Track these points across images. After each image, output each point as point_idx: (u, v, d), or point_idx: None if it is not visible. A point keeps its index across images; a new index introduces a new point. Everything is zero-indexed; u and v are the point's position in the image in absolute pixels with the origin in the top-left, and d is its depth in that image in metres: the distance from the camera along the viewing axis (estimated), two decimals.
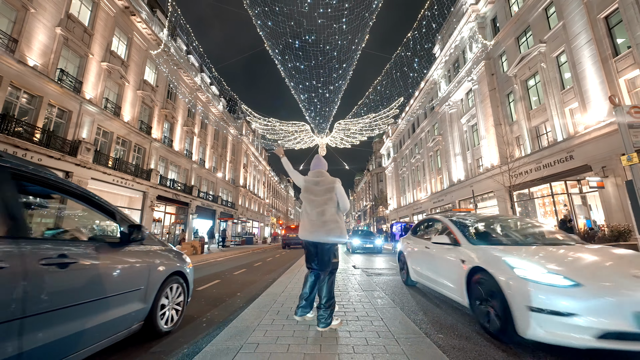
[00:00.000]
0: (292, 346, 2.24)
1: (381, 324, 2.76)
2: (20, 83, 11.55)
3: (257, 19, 12.64)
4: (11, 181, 1.63)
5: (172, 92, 23.43)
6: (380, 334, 2.49)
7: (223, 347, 2.20)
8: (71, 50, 14.06)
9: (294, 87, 16.02)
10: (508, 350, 2.40)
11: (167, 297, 2.91)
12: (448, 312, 3.62)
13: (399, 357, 2.01)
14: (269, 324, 2.78)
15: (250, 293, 5.02)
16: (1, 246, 1.48)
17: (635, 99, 11.29)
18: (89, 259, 2.02)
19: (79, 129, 14.13)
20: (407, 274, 5.13)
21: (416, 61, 17.37)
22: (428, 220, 5.30)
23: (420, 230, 5.41)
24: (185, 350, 2.48)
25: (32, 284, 1.57)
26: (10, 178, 1.63)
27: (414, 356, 2.01)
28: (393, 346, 2.20)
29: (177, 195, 22.77)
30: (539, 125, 16.08)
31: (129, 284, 2.38)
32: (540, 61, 15.50)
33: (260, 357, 2.05)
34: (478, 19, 20.92)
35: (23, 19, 11.73)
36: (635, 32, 10.91)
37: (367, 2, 12.57)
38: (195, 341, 2.72)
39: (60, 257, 1.76)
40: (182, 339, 2.79)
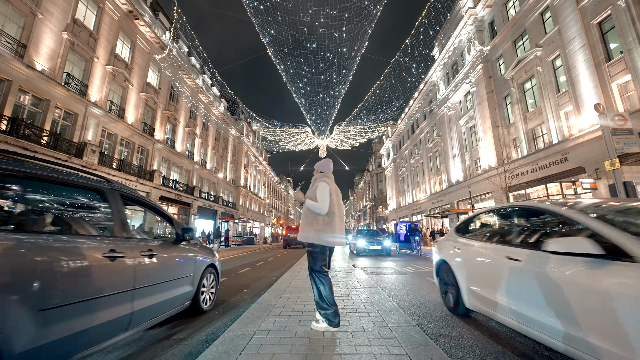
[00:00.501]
0: (299, 332, 2.56)
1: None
2: (29, 87, 11.86)
3: (260, 27, 12.97)
4: (120, 199, 2.47)
5: (174, 94, 23.75)
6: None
7: (239, 333, 2.51)
8: (77, 54, 14.37)
9: (295, 91, 16.34)
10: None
11: (204, 284, 3.70)
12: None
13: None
14: (277, 315, 3.09)
15: (257, 289, 5.33)
16: (120, 243, 2.26)
17: (627, 103, 11.61)
18: (164, 252, 2.83)
19: (84, 131, 14.44)
20: (458, 296, 3.35)
21: (414, 66, 17.68)
22: (510, 209, 3.35)
23: (480, 228, 3.68)
24: (223, 322, 3.35)
25: (137, 268, 2.36)
26: (120, 197, 2.48)
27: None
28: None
29: (180, 196, 23.08)
30: (535, 127, 16.40)
31: (185, 271, 3.22)
32: (536, 65, 15.82)
33: (273, 340, 2.36)
34: (476, 22, 21.25)
35: (31, 24, 12.04)
36: (627, 38, 11.23)
37: (365, 12, 12.90)
38: (225, 320, 3.43)
39: (149, 250, 2.55)
40: (217, 317, 3.58)
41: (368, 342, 2.35)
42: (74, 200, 2.45)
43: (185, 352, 2.49)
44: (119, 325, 2.15)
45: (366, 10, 12.36)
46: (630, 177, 11.42)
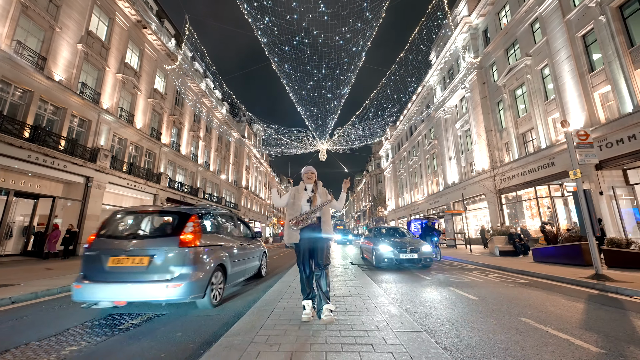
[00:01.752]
0: (306, 307, 3.36)
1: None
2: (48, 97, 12.65)
3: (267, 45, 13.77)
4: (237, 219, 5.94)
5: (179, 98, 24.53)
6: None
7: (263, 306, 3.32)
8: (90, 64, 15.15)
9: (297, 100, 17.14)
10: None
11: (263, 261, 6.93)
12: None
13: None
14: (289, 298, 3.89)
15: (283, 268, 6.14)
16: (241, 239, 5.57)
17: (607, 111, 12.42)
18: (250, 243, 5.97)
19: (97, 137, 15.22)
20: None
21: (413, 72, 18.46)
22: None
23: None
24: (273, 280, 6.28)
25: (246, 250, 5.60)
26: (237, 219, 5.94)
27: None
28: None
29: (185, 197, 23.86)
30: (526, 132, 17.21)
31: (256, 253, 6.33)
32: (526, 73, 16.63)
33: (289, 315, 3.17)
34: (471, 30, 22.05)
35: (50, 38, 12.83)
36: (607, 51, 12.02)
37: (362, 33, 13.71)
38: (274, 279, 6.35)
39: (246, 242, 5.76)
40: (270, 277, 6.96)
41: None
42: (226, 219, 5.42)
43: (260, 289, 5.45)
44: (242, 273, 5.35)
45: (367, 25, 13.13)
46: (611, 180, 12.25)
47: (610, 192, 12.07)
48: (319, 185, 3.45)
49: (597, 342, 2.74)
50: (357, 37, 14.34)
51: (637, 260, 7.39)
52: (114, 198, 16.85)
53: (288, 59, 14.70)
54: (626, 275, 6.04)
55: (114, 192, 16.67)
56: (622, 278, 5.67)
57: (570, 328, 3.14)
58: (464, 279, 6.46)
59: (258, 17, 12.79)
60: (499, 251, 12.27)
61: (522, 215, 17.73)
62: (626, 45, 11.43)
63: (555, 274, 6.56)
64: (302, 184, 3.47)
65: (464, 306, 4.14)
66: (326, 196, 3.34)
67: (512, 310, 3.88)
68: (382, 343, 2.40)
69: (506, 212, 18.86)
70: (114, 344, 2.77)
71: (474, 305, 4.16)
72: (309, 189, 3.39)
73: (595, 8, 12.42)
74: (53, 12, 13.00)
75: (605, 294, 4.95)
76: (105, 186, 15.25)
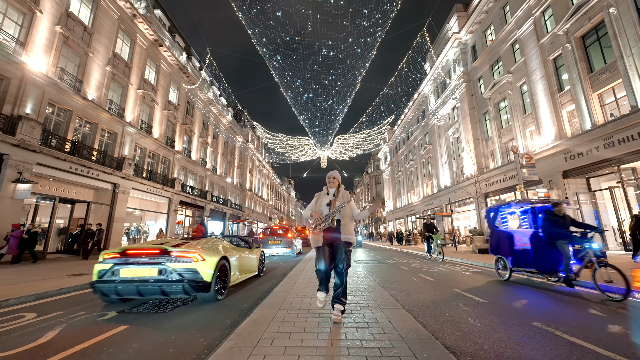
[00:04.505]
0: (320, 297, 5.13)
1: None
2: (83, 114, 14.47)
3: (274, 68, 15.64)
4: (241, 240, 7.87)
5: (189, 108, 26.34)
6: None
7: (281, 290, 5.08)
8: (116, 83, 16.95)
9: (300, 112, 18.94)
10: None
11: (261, 263, 7.59)
12: None
13: None
14: (300, 286, 5.66)
15: (285, 269, 7.91)
16: (249, 249, 7.06)
17: (573, 127, 14.16)
18: (251, 252, 7.01)
19: (122, 147, 17.03)
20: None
21: (407, 85, 20.24)
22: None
23: None
24: (274, 280, 6.78)
25: (249, 256, 6.80)
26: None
27: None
28: None
29: (195, 200, 25.68)
30: (508, 142, 18.95)
31: (254, 258, 7.13)
32: (507, 88, 18.38)
33: (301, 299, 4.93)
34: (460, 45, 23.80)
35: (84, 62, 14.64)
36: (572, 74, 13.75)
37: (359, 57, 15.54)
38: (274, 280, 6.63)
39: (250, 251, 7.05)
40: (269, 278, 7.28)
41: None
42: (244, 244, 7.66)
43: (262, 290, 5.66)
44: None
45: (367, 44, 14.95)
46: (575, 187, 14.00)
47: (575, 198, 13.81)
48: (341, 189, 3.48)
49: (485, 297, 4.58)
50: (358, 63, 16.15)
51: None
52: (135, 202, 18.66)
53: (292, 79, 16.51)
54: None
55: (136, 197, 18.48)
56: None
57: (478, 293, 4.95)
58: (433, 269, 8.25)
59: (271, 50, 14.60)
60: (478, 249, 14.03)
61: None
62: (587, 71, 13.19)
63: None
64: (325, 189, 3.53)
65: (422, 283, 5.93)
66: (346, 198, 3.36)
67: (451, 285, 5.71)
68: (362, 295, 4.19)
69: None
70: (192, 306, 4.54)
71: (429, 283, 5.94)
72: (331, 193, 3.44)
73: (562, 36, 14.16)
74: (87, 40, 14.80)
75: (535, 278, 6.72)
76: (129, 191, 17.06)
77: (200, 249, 4.55)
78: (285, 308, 3.63)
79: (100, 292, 4.09)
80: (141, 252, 4.19)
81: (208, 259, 4.42)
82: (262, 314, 3.34)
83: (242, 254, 6.15)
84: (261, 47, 14.43)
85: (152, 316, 3.80)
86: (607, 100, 12.58)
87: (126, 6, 17.27)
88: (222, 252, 5.02)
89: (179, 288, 4.00)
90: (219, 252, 4.97)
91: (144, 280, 3.98)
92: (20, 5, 11.68)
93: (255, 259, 7.02)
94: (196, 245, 4.69)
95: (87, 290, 5.60)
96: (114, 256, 4.23)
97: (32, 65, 11.85)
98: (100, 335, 2.99)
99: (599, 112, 12.68)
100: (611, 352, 2.48)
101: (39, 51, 12.27)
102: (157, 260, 4.09)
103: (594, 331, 3.02)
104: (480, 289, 5.40)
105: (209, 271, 4.32)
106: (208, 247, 4.86)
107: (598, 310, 3.87)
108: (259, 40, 14.49)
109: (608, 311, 3.83)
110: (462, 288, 5.48)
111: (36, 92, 12.06)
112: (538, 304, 4.21)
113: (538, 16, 15.84)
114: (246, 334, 2.68)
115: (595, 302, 4.29)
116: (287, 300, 4.10)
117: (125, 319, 3.63)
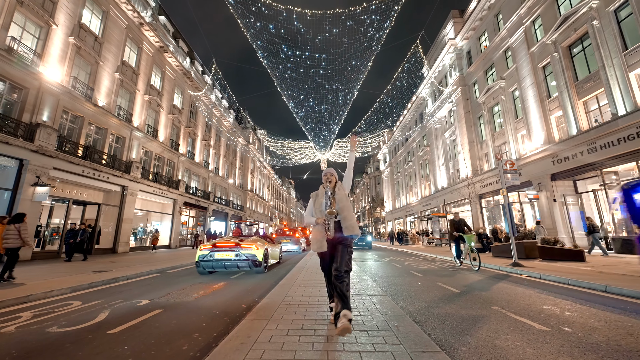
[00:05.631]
0: (332, 310, 5.85)
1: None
2: (94, 120, 15.18)
3: (276, 79, 16.40)
4: (268, 238, 9.44)
5: (193, 111, 27.06)
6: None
7: (286, 282, 5.81)
8: (124, 89, 17.67)
9: (302, 119, 19.70)
10: None
11: (282, 254, 11.00)
12: None
13: None
14: (301, 280, 6.38)
15: (294, 261, 8.64)
16: (274, 244, 9.91)
17: (561, 132, 14.87)
18: (274, 245, 9.82)
19: (130, 151, 17.74)
20: None
21: (406, 84, 20.97)
22: None
23: None
24: (289, 266, 9.15)
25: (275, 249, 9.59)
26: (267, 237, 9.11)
27: None
28: None
29: (198, 201, 26.39)
30: (500, 145, 19.66)
31: (277, 250, 10.11)
32: (500, 94, 19.09)
33: (303, 290, 5.65)
34: (456, 51, 24.50)
35: (95, 70, 15.35)
36: (559, 82, 14.46)
37: (356, 69, 16.27)
38: (290, 265, 7.69)
39: (275, 245, 9.89)
40: (284, 265, 9.71)
41: None
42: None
43: (285, 270, 8.28)
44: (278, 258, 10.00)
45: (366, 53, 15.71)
46: (563, 190, 14.72)
47: (562, 200, 14.53)
48: (339, 185, 3.17)
49: (461, 288, 5.27)
50: (356, 75, 16.89)
51: (562, 254, 9.86)
52: (142, 203, 19.38)
53: (296, 94, 17.24)
54: (536, 264, 8.51)
55: (143, 199, 19.19)
56: (531, 265, 8.14)
57: (457, 285, 5.65)
58: (423, 266, 8.97)
59: (274, 62, 15.33)
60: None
61: (500, 217, 20.17)
62: (573, 79, 13.91)
63: (490, 263, 9.04)
64: (321, 188, 3.20)
65: (410, 276, 6.65)
66: (342, 192, 3.11)
67: (433, 279, 6.41)
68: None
69: (486, 215, 21.34)
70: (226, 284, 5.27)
71: (418, 277, 6.65)
72: (329, 191, 3.09)
73: (551, 45, 14.87)
74: (97, 49, 15.52)
75: (508, 273, 7.43)
76: (137, 193, 17.78)
77: (255, 243, 7.62)
78: (298, 284, 5.28)
79: (202, 267, 7.26)
80: (224, 245, 7.37)
81: (260, 249, 7.54)
82: (287, 281, 5.75)
83: (272, 247, 9.10)
84: (264, 59, 15.18)
85: (178, 302, 4.52)
86: (591, 107, 13.29)
87: (134, 15, 17.98)
88: (265, 245, 8.06)
89: (246, 264, 7.27)
90: (264, 245, 8.03)
91: (227, 260, 7.18)
92: (37, 19, 12.39)
93: (278, 251, 10.01)
94: (253, 241, 7.78)
95: (114, 284, 6.33)
96: (209, 247, 7.35)
97: (48, 75, 12.56)
98: (144, 316, 3.71)
99: (584, 118, 13.40)
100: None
101: (54, 61, 12.99)
102: (233, 249, 7.24)
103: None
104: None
105: (260, 255, 7.45)
106: (258, 242, 7.84)
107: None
108: (262, 52, 15.26)
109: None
110: (441, 281, 6.19)
111: (52, 101, 12.77)
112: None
113: (528, 25, 16.55)
114: (276, 293, 4.52)
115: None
116: (299, 278, 5.26)
117: (158, 305, 4.34)
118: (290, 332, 2.68)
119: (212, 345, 2.67)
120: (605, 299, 4.39)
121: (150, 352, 2.60)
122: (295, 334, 2.65)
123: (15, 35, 11.63)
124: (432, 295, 4.84)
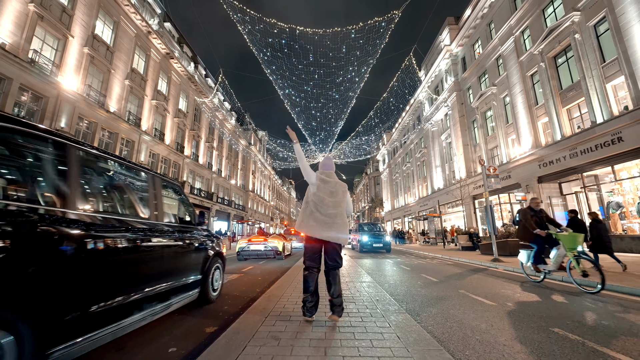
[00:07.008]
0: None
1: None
2: (106, 125, 16.07)
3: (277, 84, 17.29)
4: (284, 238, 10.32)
5: (197, 115, 27.95)
6: None
7: (298, 265, 6.68)
8: (133, 95, 18.56)
9: (303, 125, 20.58)
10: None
11: (291, 248, 13.27)
12: None
13: None
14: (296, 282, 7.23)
15: (296, 255, 9.51)
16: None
17: (548, 137, 15.73)
18: (288, 243, 11.52)
19: (138, 154, 18.63)
20: None
21: (405, 84, 21.84)
22: None
23: None
24: (294, 259, 8.00)
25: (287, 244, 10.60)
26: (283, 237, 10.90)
27: None
28: None
29: (202, 202, 27.27)
30: (493, 148, 20.53)
31: (290, 245, 13.29)
32: (492, 99, 19.95)
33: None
34: (451, 57, 25.37)
35: (107, 78, 16.24)
36: (546, 90, 15.32)
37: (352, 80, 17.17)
38: (295, 258, 8.38)
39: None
40: (294, 256, 10.27)
41: None
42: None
43: (294, 260, 10.89)
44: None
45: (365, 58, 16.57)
46: (549, 191, 15.58)
47: (548, 201, 15.39)
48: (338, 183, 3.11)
49: (440, 279, 6.12)
50: (352, 86, 17.77)
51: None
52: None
53: (296, 104, 18.09)
54: (515, 259, 9.35)
55: None
56: (510, 261, 9.00)
57: (441, 277, 6.50)
58: (413, 262, 9.84)
59: (277, 74, 16.20)
60: (462, 246, 15.62)
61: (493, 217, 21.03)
62: (557, 88, 14.77)
63: (474, 259, 9.90)
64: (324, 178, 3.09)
65: (399, 270, 7.52)
66: (341, 189, 3.08)
67: (420, 272, 7.26)
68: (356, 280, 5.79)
69: (479, 215, 22.20)
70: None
71: (406, 270, 7.52)
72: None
73: (538, 55, 15.73)
74: (109, 58, 16.41)
75: (486, 267, 8.29)
76: None
77: (277, 238, 10.86)
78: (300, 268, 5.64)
79: (242, 255, 10.60)
80: (257, 239, 10.65)
81: (280, 243, 10.75)
82: (299, 264, 6.87)
83: (286, 242, 11.80)
84: (266, 68, 16.08)
85: (259, 266, 5.51)
86: (574, 115, 14.15)
87: (142, 24, 18.87)
88: (283, 241, 11.14)
89: (272, 253, 10.54)
90: (282, 240, 11.05)
91: (259, 250, 10.47)
92: (55, 31, 13.28)
93: (290, 246, 12.64)
94: (275, 237, 11.06)
95: None
96: (247, 241, 10.77)
97: (66, 84, 13.45)
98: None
99: (567, 125, 14.26)
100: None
101: (70, 71, 13.88)
102: (263, 243, 10.52)
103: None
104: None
105: (281, 247, 10.67)
106: (279, 238, 10.99)
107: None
108: (265, 64, 16.13)
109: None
110: (428, 274, 7.07)
111: (69, 108, 13.66)
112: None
113: (518, 35, 17.41)
114: (293, 270, 5.40)
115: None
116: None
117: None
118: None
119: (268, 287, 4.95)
120: (562, 286, 5.26)
121: (242, 288, 4.99)
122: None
123: (36, 47, 12.52)
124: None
